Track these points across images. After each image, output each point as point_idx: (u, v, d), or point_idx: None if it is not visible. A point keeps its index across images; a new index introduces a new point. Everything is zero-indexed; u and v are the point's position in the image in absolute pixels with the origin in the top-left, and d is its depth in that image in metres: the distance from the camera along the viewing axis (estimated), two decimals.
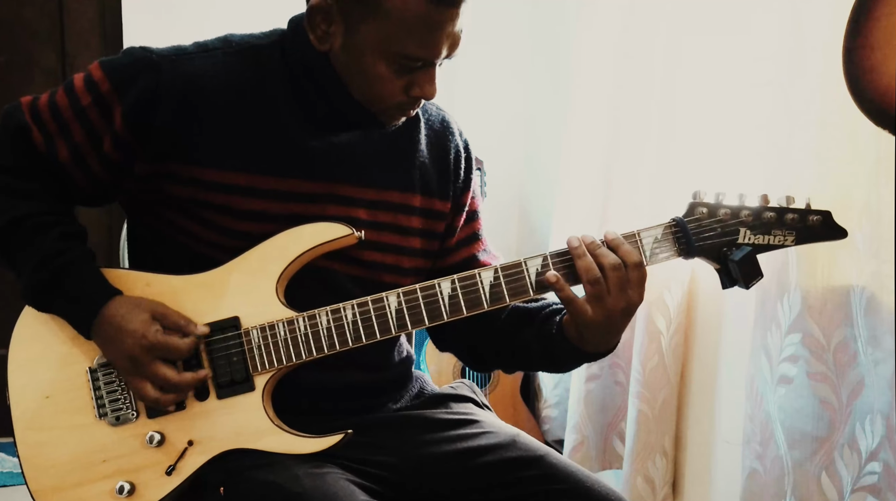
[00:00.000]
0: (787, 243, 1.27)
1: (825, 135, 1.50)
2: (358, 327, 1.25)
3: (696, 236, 1.26)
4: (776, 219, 1.27)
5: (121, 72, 1.25)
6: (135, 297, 1.25)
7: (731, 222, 1.27)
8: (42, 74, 2.78)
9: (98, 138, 1.26)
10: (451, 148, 1.42)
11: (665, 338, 2.02)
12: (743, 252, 1.24)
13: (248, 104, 1.27)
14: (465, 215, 1.44)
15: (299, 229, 1.27)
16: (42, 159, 1.27)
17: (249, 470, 1.21)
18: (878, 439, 1.44)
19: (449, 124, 1.44)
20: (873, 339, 1.43)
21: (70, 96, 1.26)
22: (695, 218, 1.27)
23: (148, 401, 1.23)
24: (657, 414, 2.05)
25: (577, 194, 2.37)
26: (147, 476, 1.24)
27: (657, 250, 1.26)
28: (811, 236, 1.27)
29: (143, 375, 1.21)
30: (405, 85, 1.23)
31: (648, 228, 1.27)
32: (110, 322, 1.22)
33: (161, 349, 1.21)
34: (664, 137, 2.02)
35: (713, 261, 1.28)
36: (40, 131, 1.26)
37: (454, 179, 1.42)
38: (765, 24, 1.80)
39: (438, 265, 1.41)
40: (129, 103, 1.24)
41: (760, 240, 1.27)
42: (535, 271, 1.25)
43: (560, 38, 2.79)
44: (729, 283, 1.28)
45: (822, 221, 1.27)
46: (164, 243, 1.31)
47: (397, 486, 1.29)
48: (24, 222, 1.24)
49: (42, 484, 1.25)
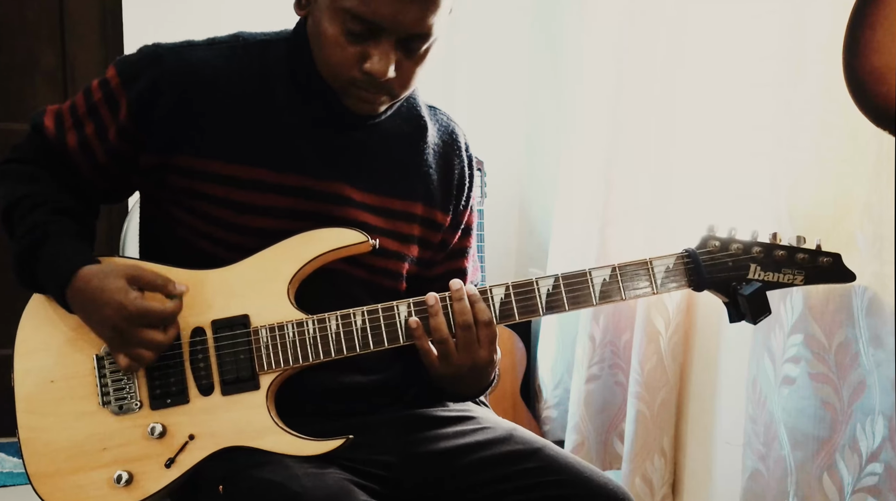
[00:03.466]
0: (795, 282, 1.31)
1: (826, 135, 1.50)
2: (367, 333, 1.26)
3: (707, 269, 1.29)
4: (787, 258, 1.30)
5: (129, 66, 1.29)
6: (107, 264, 1.24)
7: (743, 257, 1.30)
8: (43, 75, 2.78)
9: (105, 130, 1.29)
10: (456, 164, 1.42)
11: (664, 338, 2.02)
12: (753, 288, 1.27)
13: (251, 97, 1.28)
14: (461, 231, 1.45)
15: (315, 232, 1.27)
16: (54, 154, 1.31)
17: (249, 469, 1.21)
18: (878, 440, 1.44)
19: (457, 138, 1.44)
20: (875, 340, 1.43)
21: (86, 95, 1.32)
22: (707, 250, 1.30)
23: (130, 369, 1.23)
24: (656, 415, 2.05)
25: (577, 194, 2.37)
26: (146, 466, 1.24)
27: (667, 280, 1.29)
28: (820, 277, 1.31)
29: (131, 344, 1.21)
30: (357, 56, 1.19)
31: (661, 257, 1.30)
32: (84, 290, 1.21)
33: (144, 317, 1.20)
34: (664, 137, 2.02)
35: (722, 295, 1.31)
36: (56, 128, 1.31)
37: (457, 196, 1.42)
38: (766, 24, 1.80)
39: (425, 274, 1.42)
40: (132, 95, 1.27)
41: (770, 277, 1.30)
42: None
43: (561, 37, 2.80)
44: (737, 317, 1.31)
45: (832, 263, 1.31)
46: (171, 238, 1.32)
47: (396, 485, 1.30)
48: (21, 202, 1.27)
49: (40, 468, 1.25)
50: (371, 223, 1.33)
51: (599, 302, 1.28)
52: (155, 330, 1.21)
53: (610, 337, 2.22)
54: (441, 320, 1.25)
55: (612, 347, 2.23)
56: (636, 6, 2.08)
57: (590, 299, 1.28)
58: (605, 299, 1.28)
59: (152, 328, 1.21)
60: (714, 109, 1.96)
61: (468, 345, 1.25)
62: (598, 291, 1.28)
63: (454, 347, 1.25)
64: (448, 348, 1.25)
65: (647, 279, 1.28)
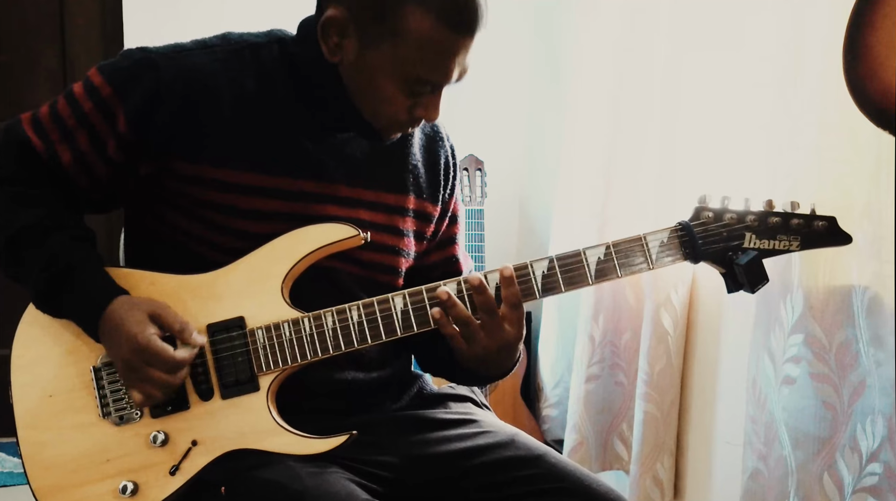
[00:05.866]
0: (791, 248, 1.28)
1: (826, 135, 1.50)
2: (363, 328, 1.25)
3: (702, 241, 1.27)
4: (781, 224, 1.28)
5: (120, 74, 1.25)
6: (136, 297, 1.24)
7: (737, 226, 1.28)
8: (43, 75, 2.78)
9: (102, 143, 1.25)
10: (441, 154, 1.43)
11: (672, 339, 2.02)
12: (749, 257, 1.25)
13: (249, 102, 1.27)
14: (448, 218, 1.45)
15: (305, 229, 1.27)
16: (45, 169, 1.26)
17: (251, 469, 1.21)
18: (878, 440, 1.44)
19: (439, 129, 1.45)
20: (875, 340, 1.43)
21: (71, 104, 1.26)
22: (700, 222, 1.28)
23: (142, 404, 1.23)
24: (665, 415, 2.05)
25: (577, 193, 2.37)
26: (151, 475, 1.23)
27: (662, 254, 1.27)
28: (816, 241, 1.29)
29: (141, 380, 1.20)
30: (410, 105, 1.24)
31: (654, 232, 1.28)
32: (110, 322, 1.21)
33: (152, 357, 1.18)
34: (665, 137, 2.02)
35: (718, 265, 1.29)
36: (42, 141, 1.25)
37: (444, 185, 1.43)
38: (765, 24, 1.80)
39: (418, 264, 1.42)
40: (131, 105, 1.23)
41: (766, 244, 1.28)
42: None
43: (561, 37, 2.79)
44: (734, 287, 1.29)
45: (827, 226, 1.29)
46: (162, 244, 1.30)
47: (397, 485, 1.30)
48: (35, 226, 1.23)
49: (44, 484, 1.25)
50: (368, 220, 1.33)
51: (595, 281, 1.27)
52: (162, 372, 1.20)
53: (610, 337, 2.22)
54: (461, 308, 1.24)
55: (612, 346, 2.23)
56: (636, 6, 2.08)
57: (585, 279, 1.26)
58: (601, 278, 1.26)
59: (160, 370, 1.20)
60: (714, 108, 1.96)
61: (494, 327, 1.24)
62: (593, 270, 1.27)
63: (480, 329, 1.24)
64: (473, 330, 1.24)
65: (643, 255, 1.26)
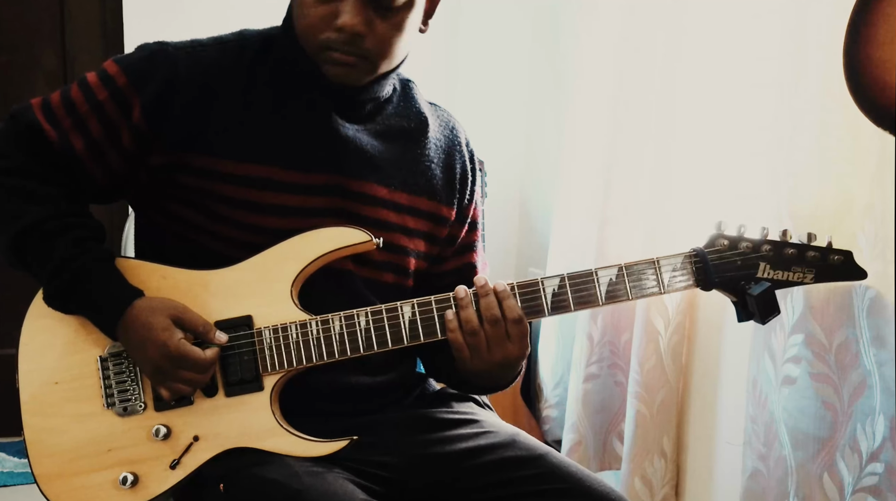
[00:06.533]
0: (805, 281, 1.28)
1: (827, 135, 1.50)
2: (370, 335, 1.26)
3: (715, 268, 1.26)
4: (797, 255, 1.28)
5: (137, 66, 1.27)
6: (155, 299, 1.24)
7: (752, 255, 1.27)
8: (44, 75, 2.78)
9: (116, 132, 1.26)
10: (457, 159, 1.43)
11: (663, 339, 2.02)
12: (762, 287, 1.25)
13: (262, 96, 1.28)
14: (467, 225, 1.45)
15: (318, 232, 1.27)
16: (55, 156, 1.26)
17: (250, 467, 1.22)
18: (879, 440, 1.44)
19: (457, 133, 1.44)
20: (877, 340, 1.43)
21: (85, 92, 1.27)
22: (715, 250, 1.28)
23: (170, 399, 1.25)
24: (655, 415, 2.05)
25: (577, 194, 2.37)
26: (151, 468, 1.24)
27: (675, 279, 1.27)
28: (830, 275, 1.29)
29: (171, 380, 1.22)
30: (329, 15, 1.21)
31: (668, 256, 1.28)
32: (133, 327, 1.22)
33: (183, 360, 1.21)
34: (665, 137, 2.02)
35: (730, 294, 1.28)
36: (54, 128, 1.25)
37: (461, 190, 1.42)
38: (766, 24, 1.80)
39: (435, 270, 1.42)
40: (147, 96, 1.24)
41: (780, 276, 1.27)
42: None
43: (561, 37, 2.79)
44: (745, 316, 1.28)
45: (843, 260, 1.28)
46: (172, 239, 1.31)
47: (398, 485, 1.30)
48: (39, 227, 1.23)
49: (46, 470, 1.25)
50: (382, 219, 1.33)
51: (605, 302, 1.27)
52: (192, 372, 1.22)
53: (609, 337, 2.22)
54: (471, 312, 1.24)
55: (611, 346, 2.23)
56: (636, 6, 2.08)
57: (596, 300, 1.26)
58: (611, 299, 1.27)
59: (192, 371, 1.22)
60: (714, 108, 1.96)
61: (499, 340, 1.24)
62: (604, 291, 1.27)
63: (485, 341, 1.24)
64: (479, 341, 1.24)
65: (655, 279, 1.26)
